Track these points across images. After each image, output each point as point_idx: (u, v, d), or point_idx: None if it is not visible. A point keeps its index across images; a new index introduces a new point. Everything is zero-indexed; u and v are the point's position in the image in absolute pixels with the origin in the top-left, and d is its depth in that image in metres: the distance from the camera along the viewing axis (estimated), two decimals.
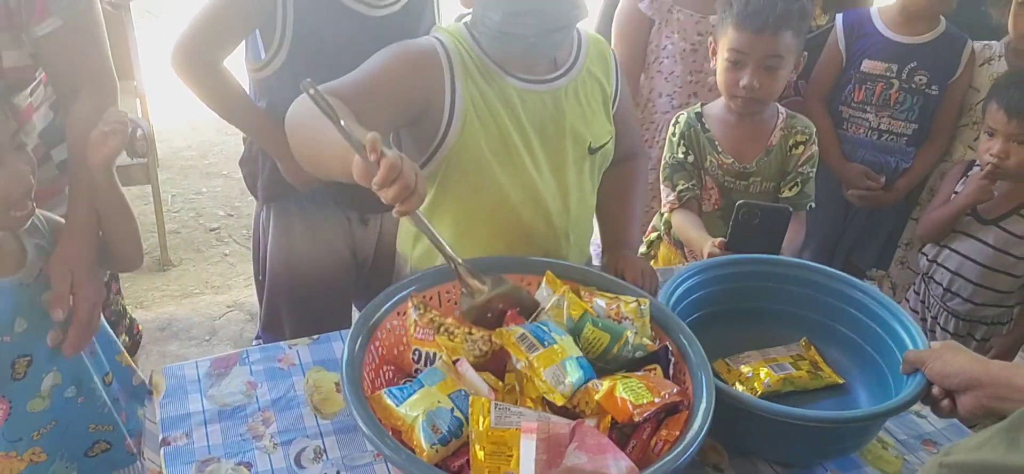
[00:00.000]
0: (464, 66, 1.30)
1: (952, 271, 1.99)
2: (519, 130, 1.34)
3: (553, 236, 1.42)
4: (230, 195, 3.71)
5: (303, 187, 1.61)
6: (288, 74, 1.53)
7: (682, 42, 2.08)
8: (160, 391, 1.16)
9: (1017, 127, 1.78)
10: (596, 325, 1.06)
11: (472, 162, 1.32)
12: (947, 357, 1.09)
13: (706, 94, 2.10)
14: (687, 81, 2.11)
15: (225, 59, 1.56)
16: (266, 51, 1.54)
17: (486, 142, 1.31)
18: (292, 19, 1.48)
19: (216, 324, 2.73)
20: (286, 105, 1.51)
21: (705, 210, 1.79)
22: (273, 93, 1.59)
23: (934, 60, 2.08)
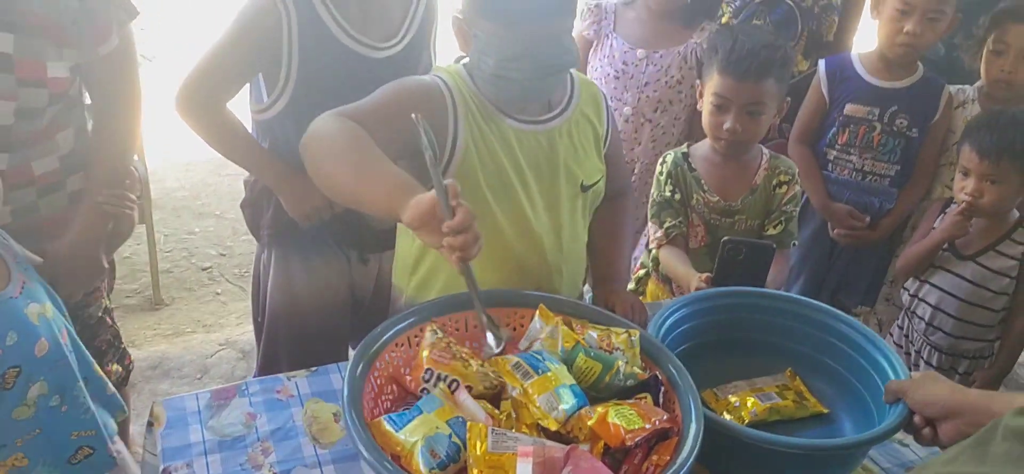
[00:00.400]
0: (465, 105, 1.35)
1: (933, 306, 2.04)
2: (515, 168, 1.38)
3: (546, 270, 1.46)
4: (222, 235, 3.74)
5: (305, 222, 1.64)
6: (291, 114, 1.57)
7: (609, 67, 2.19)
8: (161, 422, 1.18)
9: (989, 167, 1.85)
10: (588, 355, 1.10)
11: (469, 198, 1.36)
12: (927, 386, 1.14)
13: (621, 123, 2.21)
14: None
15: (229, 101, 1.60)
16: (269, 93, 1.58)
17: (484, 179, 1.36)
18: (297, 61, 1.53)
19: (208, 362, 2.74)
20: (289, 144, 1.58)
21: (691, 247, 1.84)
22: (276, 133, 1.62)
23: (913, 104, 2.16)
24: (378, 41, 1.59)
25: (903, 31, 2.04)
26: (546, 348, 1.12)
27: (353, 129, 1.19)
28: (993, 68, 2.07)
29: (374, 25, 1.58)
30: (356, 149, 1.14)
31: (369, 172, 1.12)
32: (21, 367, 1.29)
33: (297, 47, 1.52)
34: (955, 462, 0.62)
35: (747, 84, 1.67)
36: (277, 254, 1.73)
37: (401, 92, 1.32)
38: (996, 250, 1.95)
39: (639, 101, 2.20)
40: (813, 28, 2.28)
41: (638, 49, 2.17)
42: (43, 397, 1.32)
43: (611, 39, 2.19)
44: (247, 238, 3.72)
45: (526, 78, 1.30)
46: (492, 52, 1.29)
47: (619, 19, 2.21)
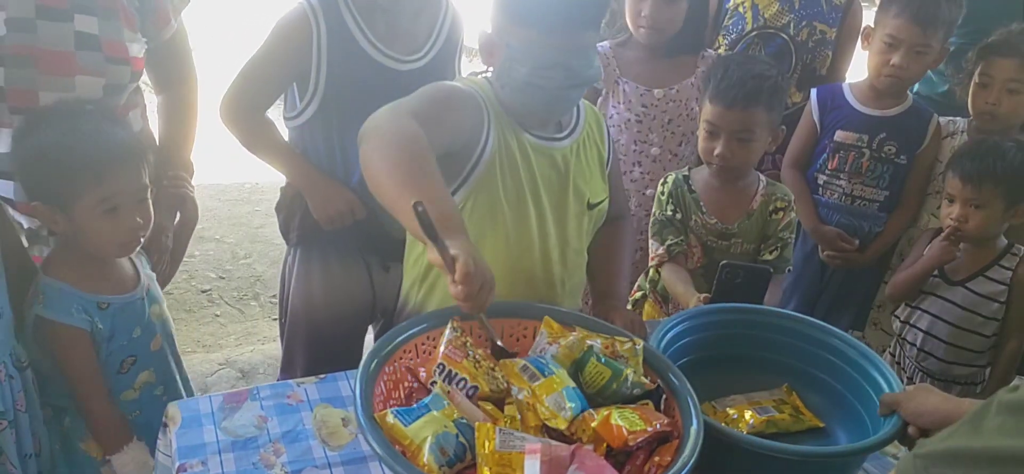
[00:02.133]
0: (495, 115, 1.41)
1: (924, 331, 2.08)
2: (531, 182, 1.44)
3: (550, 283, 1.50)
4: (222, 259, 3.76)
5: (327, 226, 1.71)
6: (319, 121, 1.67)
7: (627, 112, 2.23)
8: (176, 423, 1.20)
9: (972, 192, 1.91)
10: (599, 360, 1.14)
11: (487, 205, 1.41)
12: (920, 398, 1.17)
13: (649, 164, 2.24)
14: (631, 149, 2.25)
15: (267, 109, 1.71)
16: (300, 102, 1.68)
17: (503, 188, 1.40)
18: (325, 71, 1.63)
19: (208, 381, 2.76)
20: (317, 150, 1.69)
21: (688, 267, 1.89)
22: (305, 139, 1.72)
23: (902, 132, 2.22)
24: (403, 55, 1.67)
25: (890, 63, 2.11)
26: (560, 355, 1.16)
27: (413, 135, 1.18)
28: (979, 100, 2.15)
29: (400, 39, 1.67)
30: (409, 159, 1.14)
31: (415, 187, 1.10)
32: (138, 357, 1.48)
33: (326, 57, 1.62)
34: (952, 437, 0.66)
35: (735, 112, 1.73)
36: (301, 256, 1.81)
37: (445, 91, 1.37)
38: (985, 275, 2.00)
39: (665, 139, 2.24)
40: (807, 61, 2.36)
41: (655, 89, 2.20)
42: (149, 385, 1.51)
43: (623, 84, 2.22)
44: (246, 262, 3.75)
45: (557, 87, 1.35)
46: (526, 61, 1.34)
47: (622, 62, 2.24)
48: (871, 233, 2.28)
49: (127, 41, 1.53)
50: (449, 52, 1.77)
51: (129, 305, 1.47)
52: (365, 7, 1.64)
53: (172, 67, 1.70)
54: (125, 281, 1.50)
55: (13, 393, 1.37)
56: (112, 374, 1.47)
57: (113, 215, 1.38)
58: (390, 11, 1.66)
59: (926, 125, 2.24)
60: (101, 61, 1.49)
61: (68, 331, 1.39)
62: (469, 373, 1.09)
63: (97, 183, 1.35)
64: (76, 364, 1.41)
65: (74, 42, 1.46)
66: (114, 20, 1.51)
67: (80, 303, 1.40)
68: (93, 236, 1.39)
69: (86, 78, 1.48)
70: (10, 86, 1.42)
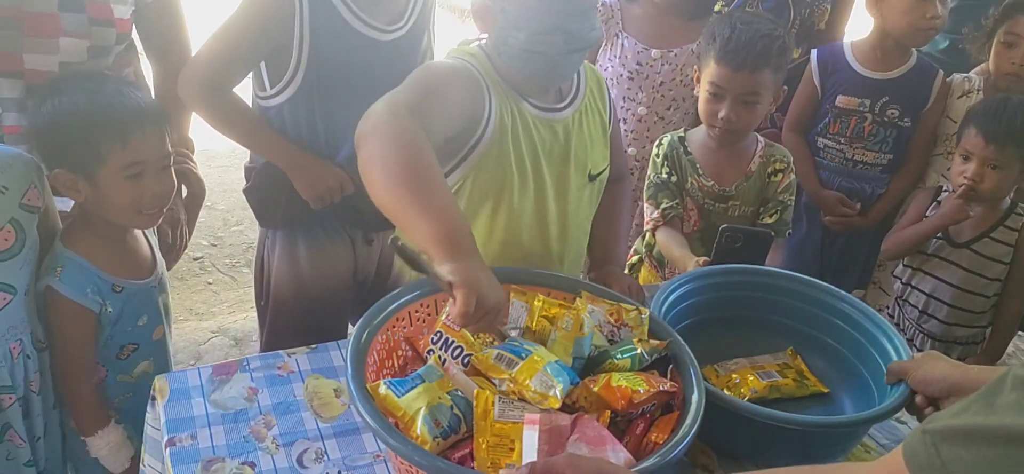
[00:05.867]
0: (495, 86, 1.35)
1: (927, 294, 2.06)
2: (532, 154, 1.38)
3: (549, 258, 1.47)
4: (213, 226, 3.72)
5: (317, 204, 1.62)
6: (301, 99, 1.56)
7: (621, 68, 2.18)
8: (164, 395, 1.17)
9: (993, 152, 1.85)
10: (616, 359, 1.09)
11: (487, 181, 1.35)
12: (928, 366, 1.15)
13: (634, 122, 2.20)
14: (619, 105, 2.20)
15: (236, 86, 1.59)
16: (274, 78, 1.57)
17: (503, 164, 1.35)
18: (308, 45, 1.51)
19: (201, 349, 2.73)
20: (297, 128, 1.58)
21: (685, 231, 1.85)
22: (285, 118, 1.60)
23: (906, 93, 2.17)
24: (386, 24, 1.59)
25: (926, 16, 2.02)
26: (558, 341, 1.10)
27: (415, 140, 1.10)
28: (1003, 60, 2.07)
29: (382, 9, 1.58)
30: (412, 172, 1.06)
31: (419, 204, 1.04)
32: (139, 345, 1.45)
33: (309, 31, 1.51)
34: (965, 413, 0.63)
35: (743, 74, 1.67)
36: (283, 236, 1.72)
37: (441, 74, 1.30)
38: (990, 237, 1.97)
39: (654, 100, 2.19)
40: (805, 16, 2.30)
41: (652, 49, 2.15)
42: (146, 374, 1.46)
43: (622, 38, 2.17)
44: (238, 228, 3.70)
45: (557, 53, 1.30)
46: (524, 26, 1.28)
47: (626, 17, 2.19)
48: (874, 196, 2.25)
49: (112, 2, 1.47)
50: (426, 15, 1.68)
51: (142, 291, 1.44)
52: None
53: (162, 32, 1.63)
54: (141, 265, 1.46)
55: (28, 372, 1.36)
56: (110, 358, 1.43)
57: (137, 181, 1.33)
58: None
59: (931, 84, 2.18)
60: (85, 23, 1.43)
61: (76, 309, 1.35)
62: (466, 342, 1.06)
63: (122, 147, 1.30)
64: (73, 343, 1.37)
65: (58, 4, 1.41)
66: None
67: (96, 284, 1.36)
68: (116, 203, 1.34)
69: (70, 40, 1.42)
70: None
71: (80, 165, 1.31)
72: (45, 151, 1.36)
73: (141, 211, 1.37)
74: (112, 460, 1.42)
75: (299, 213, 1.65)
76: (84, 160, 1.31)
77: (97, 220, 1.38)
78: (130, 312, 1.41)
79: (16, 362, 1.34)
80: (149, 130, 1.34)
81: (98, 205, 1.35)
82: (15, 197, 1.31)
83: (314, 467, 1.08)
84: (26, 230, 1.33)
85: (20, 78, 1.41)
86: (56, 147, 1.33)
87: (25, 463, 1.39)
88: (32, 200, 1.34)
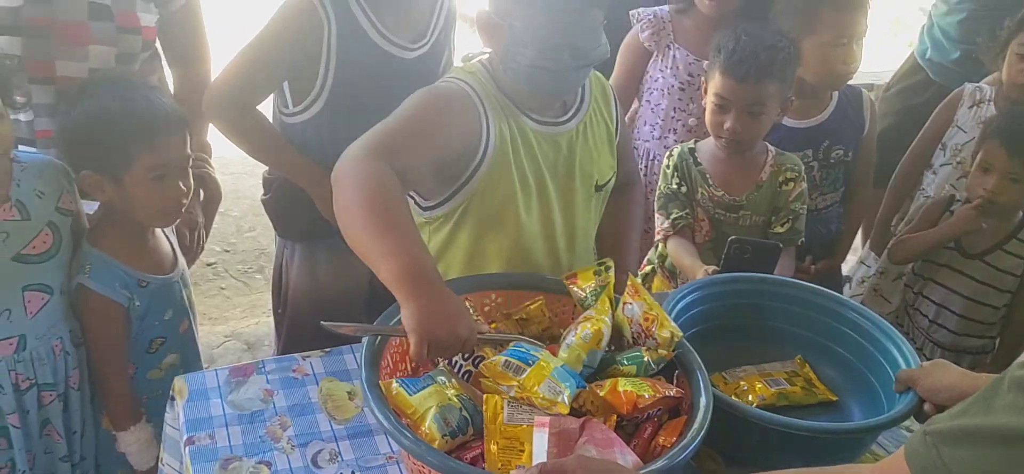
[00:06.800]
0: (493, 104, 1.35)
1: (937, 303, 2.06)
2: (534, 170, 1.39)
3: (559, 270, 1.47)
4: (227, 232, 3.75)
5: None
6: (326, 117, 1.58)
7: (672, 78, 2.18)
8: (183, 396, 1.20)
9: (1017, 165, 1.82)
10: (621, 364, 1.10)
11: (498, 199, 1.36)
12: (937, 374, 1.16)
13: (684, 133, 2.19)
14: (669, 116, 2.20)
15: (260, 104, 1.61)
16: (297, 97, 1.59)
17: (506, 183, 1.36)
18: (334, 64, 1.54)
19: (214, 353, 2.76)
20: (321, 146, 1.60)
21: (696, 242, 1.86)
22: (308, 135, 1.62)
23: (842, 129, 2.08)
24: (410, 42, 1.61)
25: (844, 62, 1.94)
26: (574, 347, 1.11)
27: (379, 179, 1.15)
28: (1017, 71, 2.05)
29: (405, 26, 1.60)
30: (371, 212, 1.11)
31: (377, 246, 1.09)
32: (166, 339, 1.51)
33: (335, 50, 1.53)
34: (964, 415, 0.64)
35: (747, 85, 1.69)
36: (302, 246, 1.75)
37: (430, 103, 1.31)
38: (1003, 249, 1.96)
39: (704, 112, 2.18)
40: None
41: (704, 60, 2.10)
42: (173, 368, 1.53)
43: (673, 50, 2.16)
44: (251, 235, 3.73)
45: (564, 69, 1.31)
46: (531, 42, 1.29)
47: (677, 28, 2.17)
48: (838, 232, 2.21)
49: (139, 11, 1.53)
50: (448, 30, 1.72)
51: (166, 286, 1.50)
52: None
53: (184, 41, 1.69)
54: (163, 262, 1.52)
55: (68, 369, 1.42)
56: (141, 352, 1.49)
57: (161, 182, 1.39)
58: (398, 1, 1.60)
59: (861, 108, 2.11)
60: (113, 31, 1.49)
61: (107, 304, 1.41)
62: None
63: (149, 150, 1.37)
64: (106, 337, 1.43)
65: (88, 13, 1.46)
66: None
67: (123, 279, 1.42)
68: (141, 203, 1.40)
69: (99, 48, 1.48)
70: (28, 57, 1.43)
71: (108, 167, 1.37)
72: (74, 153, 1.41)
73: (164, 211, 1.43)
74: (139, 457, 1.46)
75: (319, 226, 1.66)
76: (112, 162, 1.36)
77: (121, 220, 1.43)
78: (156, 307, 1.47)
79: (58, 360, 1.40)
80: (174, 135, 1.40)
81: (123, 205, 1.41)
82: (51, 202, 1.38)
83: (328, 467, 1.10)
84: (62, 233, 1.39)
85: (52, 85, 1.47)
86: (86, 149, 1.38)
87: (61, 458, 1.45)
88: (66, 204, 1.40)
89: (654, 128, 2.22)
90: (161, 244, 1.53)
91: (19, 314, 1.35)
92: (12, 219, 1.33)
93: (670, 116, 2.20)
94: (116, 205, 1.42)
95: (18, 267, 1.33)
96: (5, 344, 1.35)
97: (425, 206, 1.40)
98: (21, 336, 1.36)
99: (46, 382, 1.40)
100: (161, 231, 1.55)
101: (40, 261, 1.36)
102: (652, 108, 2.22)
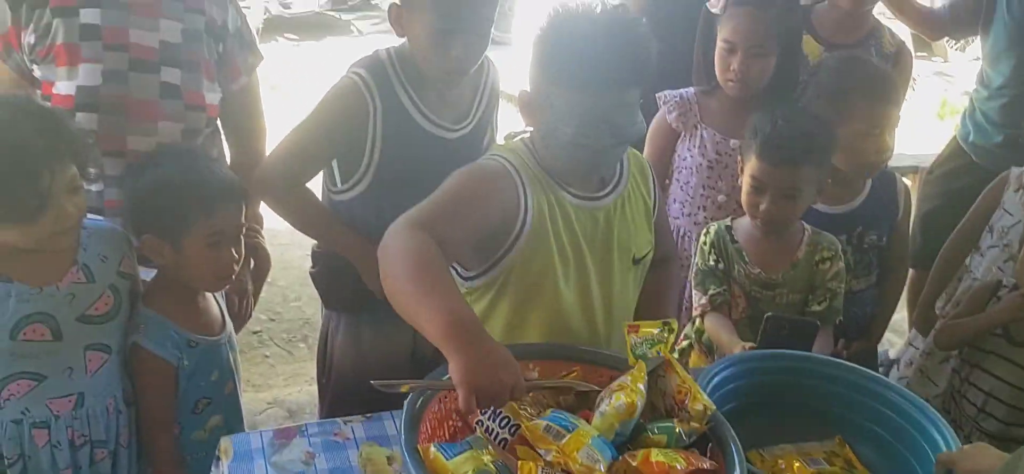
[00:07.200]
0: (532, 179, 1.41)
1: (985, 392, 2.00)
2: (573, 243, 1.44)
3: (597, 340, 1.50)
4: (272, 301, 3.85)
5: (382, 294, 1.70)
6: (372, 195, 1.66)
7: (701, 157, 2.22)
8: (229, 456, 1.24)
9: None
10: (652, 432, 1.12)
11: (537, 271, 1.40)
12: (977, 457, 1.14)
13: (714, 210, 2.21)
14: (700, 193, 2.24)
15: (309, 182, 1.71)
16: (345, 175, 1.68)
17: (544, 255, 1.40)
18: (380, 145, 1.62)
19: (257, 419, 2.80)
20: (367, 221, 1.68)
21: (732, 318, 1.86)
22: (354, 212, 1.70)
23: (876, 215, 2.08)
24: (453, 123, 1.69)
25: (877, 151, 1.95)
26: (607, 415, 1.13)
27: (421, 247, 1.20)
28: None
29: (448, 109, 1.68)
30: (420, 273, 1.16)
31: (423, 306, 1.13)
32: (212, 400, 1.56)
33: (381, 132, 1.61)
34: None
35: (784, 170, 1.72)
36: (347, 318, 1.80)
37: (470, 180, 1.37)
38: None
39: (734, 189, 2.18)
40: None
41: (731, 139, 2.18)
42: (218, 429, 1.58)
43: (701, 130, 2.21)
44: (296, 305, 3.82)
45: (603, 145, 1.36)
46: (572, 121, 1.34)
47: (703, 109, 2.23)
48: (872, 314, 2.19)
49: (205, 91, 1.64)
50: (489, 113, 1.80)
51: (214, 347, 1.56)
52: (416, 80, 1.65)
53: (241, 118, 1.80)
54: (212, 324, 1.59)
55: (119, 426, 1.48)
56: (186, 412, 1.54)
57: (216, 248, 1.48)
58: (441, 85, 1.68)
59: (895, 192, 2.11)
60: (181, 108, 1.61)
61: (159, 363, 1.48)
62: (513, 412, 1.10)
63: (206, 216, 1.46)
64: (156, 395, 1.50)
65: (159, 92, 1.58)
66: (196, 72, 1.63)
67: (174, 339, 1.49)
68: (196, 267, 1.49)
69: (167, 124, 1.59)
70: (102, 132, 1.54)
71: (168, 231, 1.45)
72: (138, 218, 1.50)
73: (217, 275, 1.51)
74: None
75: (364, 298, 1.71)
76: (172, 227, 1.45)
77: (175, 283, 1.51)
78: (203, 367, 1.53)
79: (111, 418, 1.46)
80: (230, 203, 1.49)
81: (178, 269, 1.49)
82: (113, 265, 1.47)
83: None
84: (122, 295, 1.47)
85: (122, 158, 1.57)
86: (149, 215, 1.47)
87: None
88: (126, 268, 1.49)
89: (685, 205, 2.26)
90: (211, 307, 1.61)
91: (80, 372, 1.42)
92: (79, 282, 1.41)
93: (700, 193, 2.24)
94: (172, 269, 1.50)
95: (82, 327, 1.41)
96: (65, 401, 1.42)
97: (466, 277, 1.45)
98: (80, 394, 1.43)
99: (99, 439, 1.46)
100: (211, 295, 1.62)
101: (102, 321, 1.44)
102: (682, 186, 2.26)
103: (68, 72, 1.54)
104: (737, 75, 2.07)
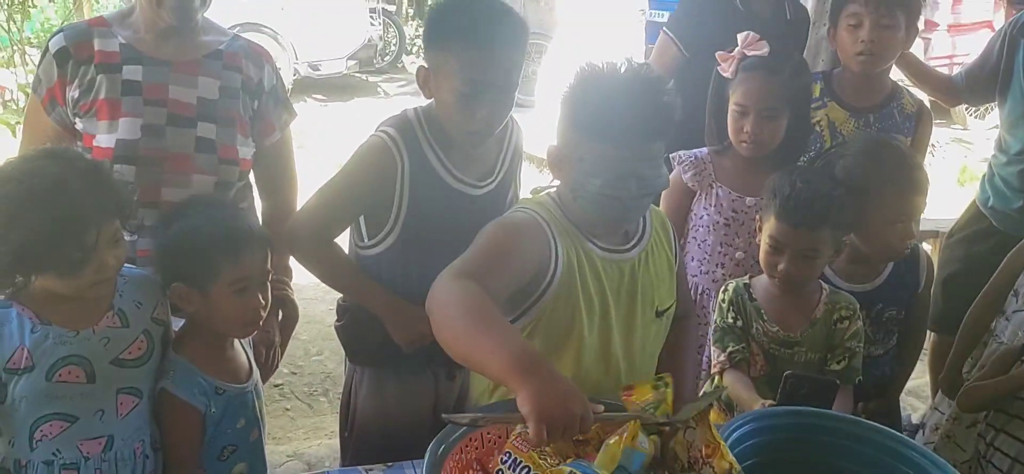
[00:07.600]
0: (562, 231, 1.46)
1: (1012, 457, 1.97)
2: (599, 293, 1.47)
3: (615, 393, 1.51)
4: (295, 355, 3.88)
5: (409, 347, 1.72)
6: (398, 251, 1.71)
7: (717, 215, 2.25)
8: None
9: None
10: None
11: (564, 320, 1.44)
12: None
13: (732, 267, 2.23)
14: (716, 251, 2.26)
15: (337, 237, 1.76)
16: (372, 231, 1.73)
17: (571, 306, 1.44)
18: (407, 202, 1.67)
19: (277, 472, 2.82)
20: (393, 276, 1.72)
21: (751, 376, 1.87)
22: (381, 266, 1.74)
23: (896, 293, 2.07)
24: (478, 180, 1.74)
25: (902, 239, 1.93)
26: None
27: (471, 292, 1.22)
28: None
29: (474, 166, 1.74)
30: (476, 315, 1.18)
31: (483, 346, 1.15)
32: (238, 447, 1.58)
33: (408, 189, 1.66)
34: None
35: (801, 231, 1.74)
36: (371, 372, 1.83)
37: (505, 232, 1.42)
38: None
39: (751, 246, 2.22)
40: None
41: (747, 197, 2.21)
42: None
43: (716, 188, 2.25)
44: (318, 359, 3.85)
45: (630, 197, 1.41)
46: (600, 173, 1.39)
47: (718, 168, 2.27)
48: (891, 375, 2.18)
49: (238, 145, 1.71)
50: (513, 170, 1.85)
51: (240, 395, 1.58)
52: (442, 139, 1.69)
53: (273, 173, 1.86)
54: (239, 371, 1.61)
55: (145, 471, 1.50)
56: (212, 459, 1.55)
57: (243, 295, 1.51)
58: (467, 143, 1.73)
59: (916, 265, 2.09)
60: (215, 162, 1.68)
61: (187, 409, 1.50)
62: (535, 464, 1.12)
63: (234, 264, 1.49)
64: (183, 441, 1.52)
65: (195, 146, 1.66)
66: (231, 127, 1.71)
67: (201, 386, 1.52)
68: (223, 314, 1.52)
69: (201, 177, 1.66)
70: (138, 183, 1.60)
71: (196, 279, 1.50)
72: (168, 267, 1.55)
73: (243, 322, 1.55)
74: None
75: (388, 351, 1.75)
76: (200, 274, 1.49)
77: (203, 330, 1.55)
78: (230, 414, 1.55)
79: (138, 461, 1.49)
80: (256, 250, 1.54)
81: (206, 316, 1.53)
82: (147, 311, 1.51)
83: None
84: (154, 341, 1.51)
85: (156, 208, 1.64)
86: (178, 263, 1.52)
87: None
88: (159, 314, 1.54)
89: (702, 263, 2.28)
90: (239, 355, 1.64)
91: (111, 414, 1.46)
92: (114, 327, 1.46)
93: (717, 251, 2.26)
94: (201, 316, 1.54)
95: (116, 370, 1.45)
96: (95, 442, 1.45)
97: None
98: (110, 436, 1.46)
99: None
100: (239, 343, 1.65)
101: (135, 366, 1.48)
102: (699, 244, 2.29)
103: (108, 126, 1.62)
104: (750, 137, 2.12)
